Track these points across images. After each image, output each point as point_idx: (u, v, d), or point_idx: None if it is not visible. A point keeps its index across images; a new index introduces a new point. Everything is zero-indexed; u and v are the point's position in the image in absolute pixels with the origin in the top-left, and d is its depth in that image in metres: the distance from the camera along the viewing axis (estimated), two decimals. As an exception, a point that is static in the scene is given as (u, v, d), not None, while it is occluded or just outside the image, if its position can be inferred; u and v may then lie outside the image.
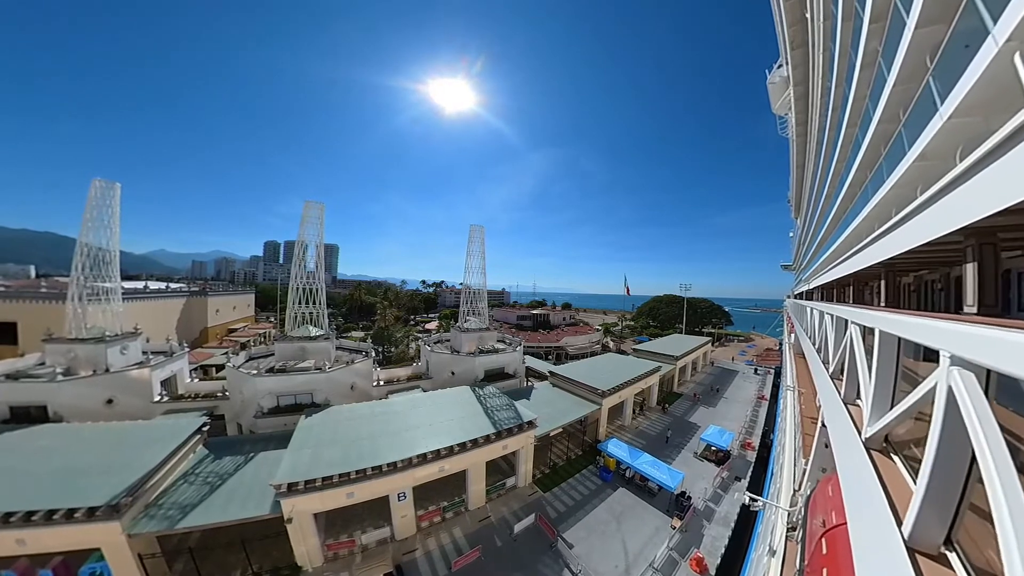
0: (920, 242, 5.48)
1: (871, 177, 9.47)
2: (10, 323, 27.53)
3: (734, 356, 64.39)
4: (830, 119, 14.69)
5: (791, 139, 23.16)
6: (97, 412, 19.92)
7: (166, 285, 49.15)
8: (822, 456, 11.35)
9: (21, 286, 30.83)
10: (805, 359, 22.85)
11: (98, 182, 22.04)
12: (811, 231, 22.69)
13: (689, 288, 76.85)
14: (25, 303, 28.33)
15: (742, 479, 22.41)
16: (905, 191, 7.00)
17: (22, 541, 11.26)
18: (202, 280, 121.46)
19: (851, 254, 11.29)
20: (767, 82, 20.74)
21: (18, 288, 29.23)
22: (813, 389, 18.26)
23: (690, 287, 76.72)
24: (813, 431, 12.90)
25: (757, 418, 33.37)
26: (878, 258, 8.05)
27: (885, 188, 7.57)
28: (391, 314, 55.87)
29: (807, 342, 19.73)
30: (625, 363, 36.22)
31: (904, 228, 6.40)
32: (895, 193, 7.39)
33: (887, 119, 7.57)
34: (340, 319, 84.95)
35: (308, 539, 14.34)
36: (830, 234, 17.97)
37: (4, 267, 71.21)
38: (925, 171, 5.96)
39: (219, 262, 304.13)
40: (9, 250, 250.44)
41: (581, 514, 18.64)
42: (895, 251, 6.87)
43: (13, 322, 27.56)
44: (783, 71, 19.75)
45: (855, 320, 8.45)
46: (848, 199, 12.36)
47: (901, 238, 6.54)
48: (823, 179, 17.81)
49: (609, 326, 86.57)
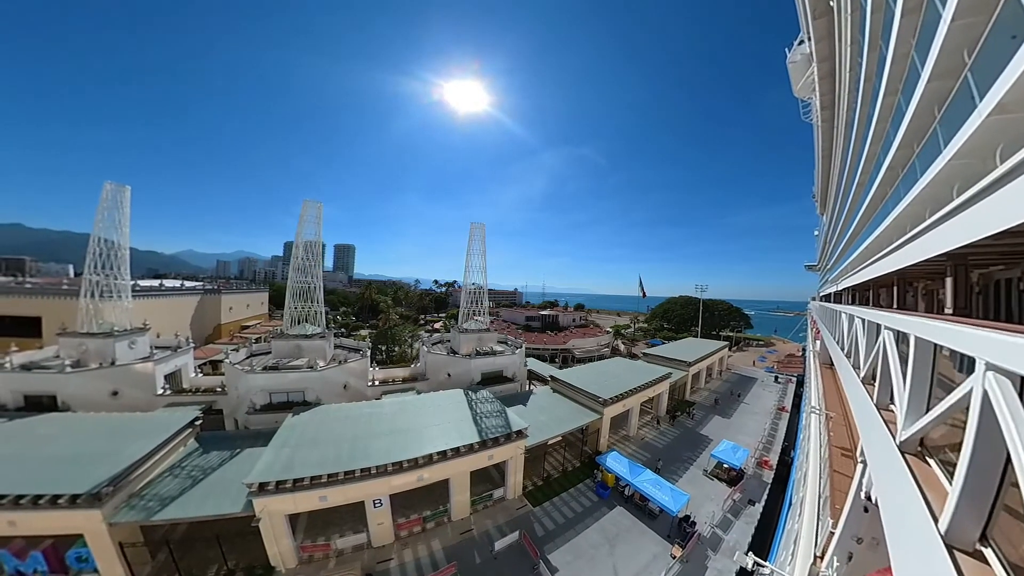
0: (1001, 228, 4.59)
1: (920, 150, 8.08)
2: (35, 317, 31.17)
3: (754, 361, 62.87)
4: (862, 94, 13.30)
5: (815, 125, 21.38)
6: (103, 403, 21.78)
7: (181, 283, 53.25)
8: (858, 520, 9.27)
9: (47, 283, 34.85)
10: (833, 371, 20.91)
11: (109, 185, 24.16)
12: (839, 227, 20.81)
13: (705, 289, 75.03)
14: (48, 299, 31.89)
15: (756, 503, 20.91)
16: (972, 163, 5.74)
17: (13, 523, 12.44)
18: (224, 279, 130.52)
19: (891, 249, 10.03)
20: (787, 62, 19.26)
21: (42, 285, 33.22)
22: (844, 410, 16.55)
23: (706, 288, 74.89)
24: (846, 471, 10.99)
25: (776, 432, 31.39)
26: (934, 251, 6.97)
27: (943, 160, 6.13)
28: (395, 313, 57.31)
29: (835, 348, 18.06)
30: (633, 368, 35.27)
31: (982, 206, 5.23)
32: (957, 167, 6.02)
33: (943, 73, 6.19)
34: (352, 318, 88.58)
35: (281, 540, 14.85)
36: (863, 227, 16.34)
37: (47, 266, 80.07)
38: (1004, 127, 4.95)
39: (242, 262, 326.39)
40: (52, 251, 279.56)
41: (571, 534, 18.04)
42: (963, 240, 5.73)
43: (38, 317, 31.12)
44: (804, 47, 18.30)
45: (888, 325, 8.67)
46: (888, 183, 10.83)
47: (978, 220, 5.27)
48: (854, 165, 16.33)
49: (620, 328, 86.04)
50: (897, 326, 8.05)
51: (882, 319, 9.18)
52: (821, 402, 18.93)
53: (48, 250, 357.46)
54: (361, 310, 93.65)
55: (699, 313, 78.82)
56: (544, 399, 28.77)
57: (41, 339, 28.73)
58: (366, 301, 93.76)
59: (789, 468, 22.51)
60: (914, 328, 6.78)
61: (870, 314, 11.15)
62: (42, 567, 13.12)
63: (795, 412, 36.04)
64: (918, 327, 6.60)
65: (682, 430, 31.39)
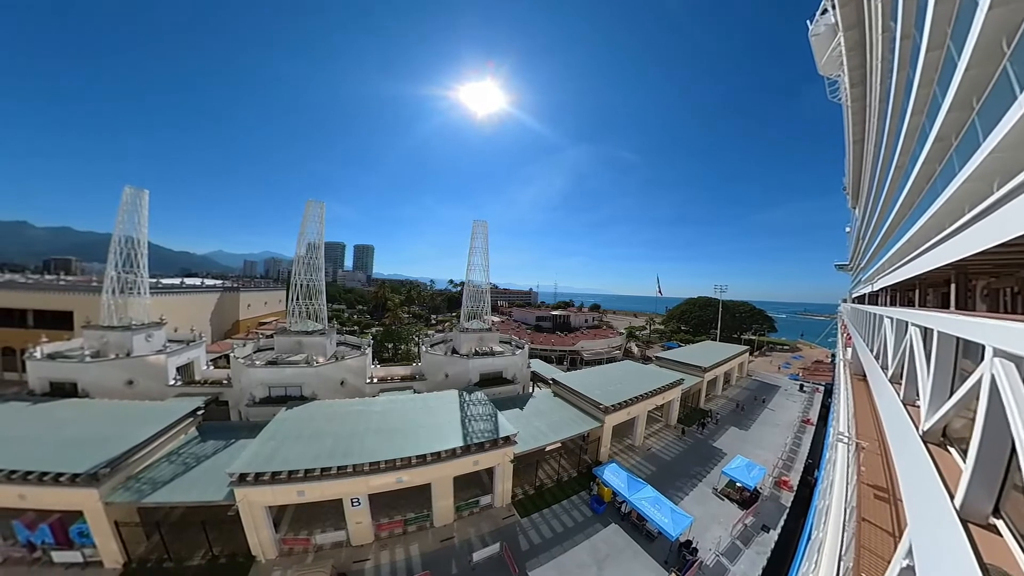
0: None
1: (978, 110, 6.89)
2: (68, 312, 35.61)
3: (779, 367, 60.65)
4: (897, 60, 12.13)
5: (844, 106, 19.62)
6: (119, 391, 24.28)
7: (201, 281, 58.21)
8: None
9: (79, 281, 39.73)
10: (867, 384, 19.01)
11: (129, 189, 27.00)
12: (875, 217, 18.97)
13: (724, 290, 71.37)
14: (79, 295, 36.28)
15: (771, 530, 19.52)
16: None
17: (23, 496, 14.22)
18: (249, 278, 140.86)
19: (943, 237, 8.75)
20: (809, 35, 17.87)
21: (74, 282, 38.02)
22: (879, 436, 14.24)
23: (725, 288, 71.19)
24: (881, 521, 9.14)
25: (799, 447, 29.35)
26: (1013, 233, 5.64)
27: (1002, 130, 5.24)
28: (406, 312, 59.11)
29: (868, 355, 16.42)
30: (642, 373, 34.37)
31: None
32: None
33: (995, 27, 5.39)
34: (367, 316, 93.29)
35: (261, 531, 15.84)
36: (903, 217, 14.74)
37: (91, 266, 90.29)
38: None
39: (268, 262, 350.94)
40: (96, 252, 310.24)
41: (558, 551, 17.68)
42: None
43: (70, 311, 35.46)
44: (828, 17, 16.97)
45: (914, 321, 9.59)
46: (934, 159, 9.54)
47: None
48: (891, 146, 14.91)
49: (634, 330, 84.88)
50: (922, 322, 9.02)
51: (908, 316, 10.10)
52: (851, 426, 16.24)
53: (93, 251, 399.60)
54: (375, 308, 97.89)
55: (718, 315, 76.17)
56: (543, 403, 28.56)
57: (72, 332, 32.50)
58: (379, 300, 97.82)
59: (812, 489, 20.82)
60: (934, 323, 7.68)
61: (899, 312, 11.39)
62: (49, 539, 14.85)
63: (822, 425, 34.02)
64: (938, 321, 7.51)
65: (693, 441, 30.12)
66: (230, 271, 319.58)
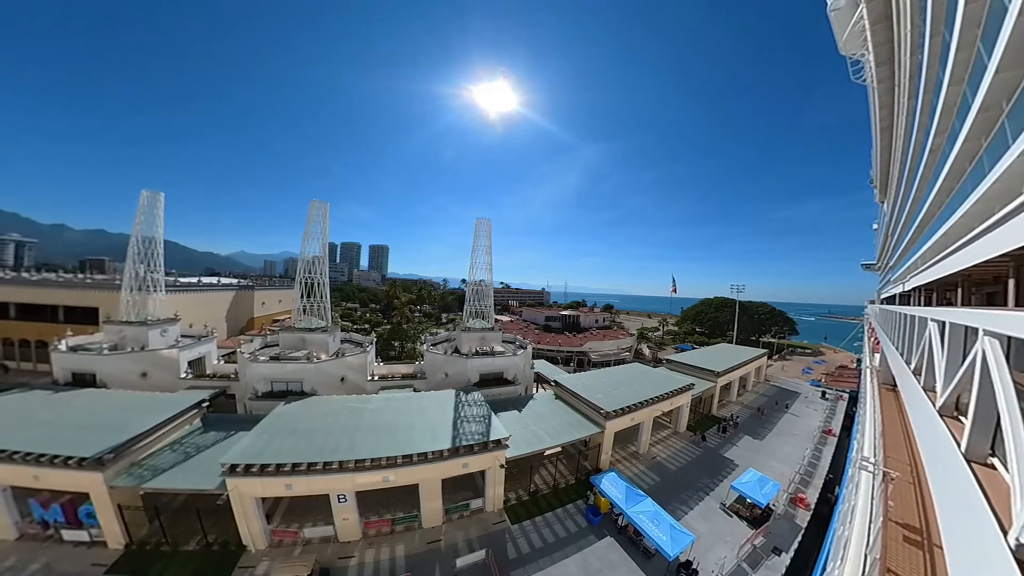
0: None
1: None
2: (94, 308, 39.31)
3: (802, 371, 59.33)
4: (930, 25, 11.26)
5: (870, 87, 18.29)
6: (134, 382, 26.47)
7: (217, 280, 62.31)
8: None
9: (104, 279, 43.81)
10: (897, 395, 17.59)
11: (146, 192, 29.45)
12: (906, 212, 17.60)
13: (742, 289, 69.06)
14: (104, 292, 39.90)
15: (783, 552, 18.53)
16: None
17: (37, 477, 15.85)
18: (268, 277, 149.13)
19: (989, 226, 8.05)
20: (828, 10, 16.92)
21: (99, 280, 41.91)
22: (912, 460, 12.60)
23: (743, 288, 68.91)
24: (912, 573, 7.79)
25: (819, 461, 27.83)
26: None
27: None
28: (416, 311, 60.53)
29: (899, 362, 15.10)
30: (650, 376, 33.70)
31: None
32: None
33: None
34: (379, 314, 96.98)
35: (251, 521, 16.81)
36: (940, 206, 13.57)
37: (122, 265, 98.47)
38: None
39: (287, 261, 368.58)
40: None
41: (546, 562, 17.51)
42: None
43: (95, 307, 39.06)
44: (847, -13, 16.09)
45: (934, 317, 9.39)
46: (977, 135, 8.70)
47: None
48: (924, 126, 13.92)
49: (646, 331, 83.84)
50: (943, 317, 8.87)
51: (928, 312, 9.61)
52: (878, 448, 13.84)
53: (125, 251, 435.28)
54: (387, 307, 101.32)
55: (735, 316, 73.91)
56: (543, 406, 28.51)
57: (97, 326, 35.65)
58: (391, 299, 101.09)
59: (832, 507, 19.58)
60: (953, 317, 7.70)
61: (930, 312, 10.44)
62: (60, 518, 16.45)
63: (844, 436, 32.26)
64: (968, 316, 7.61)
65: (703, 451, 29.20)
66: (251, 271, 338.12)
